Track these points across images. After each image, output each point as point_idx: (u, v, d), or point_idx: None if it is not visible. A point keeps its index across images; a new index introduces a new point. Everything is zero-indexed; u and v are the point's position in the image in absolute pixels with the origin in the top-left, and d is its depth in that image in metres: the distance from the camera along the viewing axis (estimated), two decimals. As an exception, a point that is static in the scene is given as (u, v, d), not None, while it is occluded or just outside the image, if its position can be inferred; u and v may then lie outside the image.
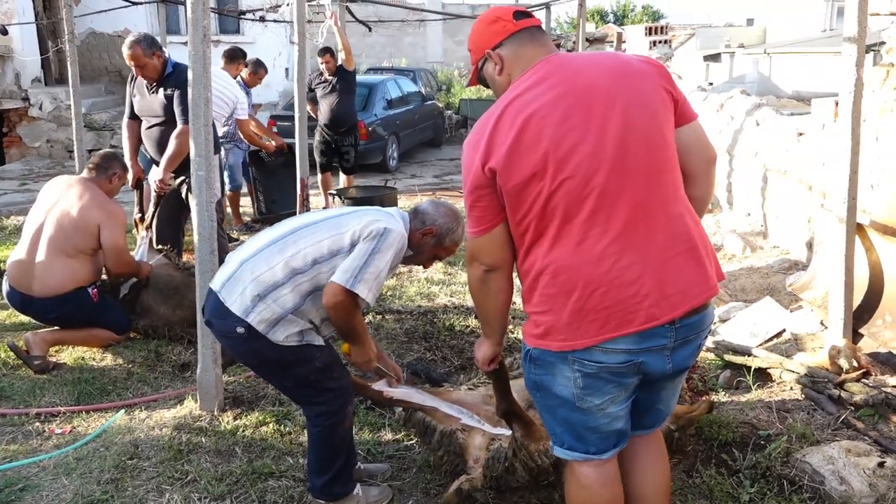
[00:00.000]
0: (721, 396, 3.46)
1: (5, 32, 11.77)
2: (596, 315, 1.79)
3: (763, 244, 5.39)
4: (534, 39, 1.91)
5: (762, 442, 2.95)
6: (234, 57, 6.79)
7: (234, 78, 6.68)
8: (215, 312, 2.57)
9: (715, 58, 17.63)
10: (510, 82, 1.90)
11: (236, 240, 6.62)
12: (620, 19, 36.01)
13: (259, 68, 7.17)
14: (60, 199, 4.04)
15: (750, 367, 3.56)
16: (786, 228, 5.17)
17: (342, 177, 8.06)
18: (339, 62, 7.76)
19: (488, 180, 1.84)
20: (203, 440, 3.09)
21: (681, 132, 1.91)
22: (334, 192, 6.51)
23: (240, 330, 2.50)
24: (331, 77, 7.68)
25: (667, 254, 1.81)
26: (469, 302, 4.90)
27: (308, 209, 5.88)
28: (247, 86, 7.01)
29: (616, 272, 1.78)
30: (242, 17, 11.97)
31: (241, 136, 6.66)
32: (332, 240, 2.48)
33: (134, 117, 5.06)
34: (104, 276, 4.33)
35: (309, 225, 2.58)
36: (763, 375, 3.56)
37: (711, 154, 2.00)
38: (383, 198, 6.56)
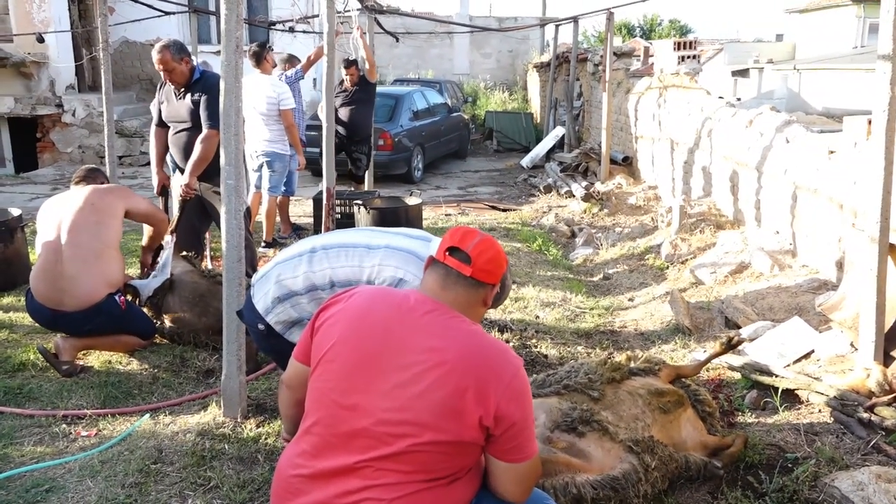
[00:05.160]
0: (747, 417, 3.41)
1: (41, 40, 12.07)
2: None
3: (792, 263, 5.32)
4: (440, 277, 1.92)
5: (789, 465, 2.90)
6: (260, 56, 6.88)
7: (270, 74, 6.92)
8: (246, 304, 2.77)
9: (743, 73, 17.50)
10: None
11: (282, 246, 6.74)
12: (647, 34, 35.90)
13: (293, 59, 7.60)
14: (65, 208, 4.02)
15: (777, 388, 3.50)
16: (815, 247, 5.09)
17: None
18: (363, 73, 7.89)
19: None
20: (226, 447, 3.11)
21: (494, 462, 1.84)
22: (360, 203, 6.54)
23: (260, 326, 2.71)
24: (351, 87, 7.83)
25: None
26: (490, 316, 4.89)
27: (333, 219, 5.91)
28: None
29: None
30: (273, 27, 12.12)
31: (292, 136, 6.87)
32: (351, 270, 2.59)
33: (161, 125, 5.14)
34: (131, 279, 4.40)
35: (341, 246, 2.67)
36: (791, 397, 3.50)
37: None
38: (408, 209, 6.57)
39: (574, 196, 9.48)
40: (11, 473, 2.93)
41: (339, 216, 6.51)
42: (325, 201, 5.81)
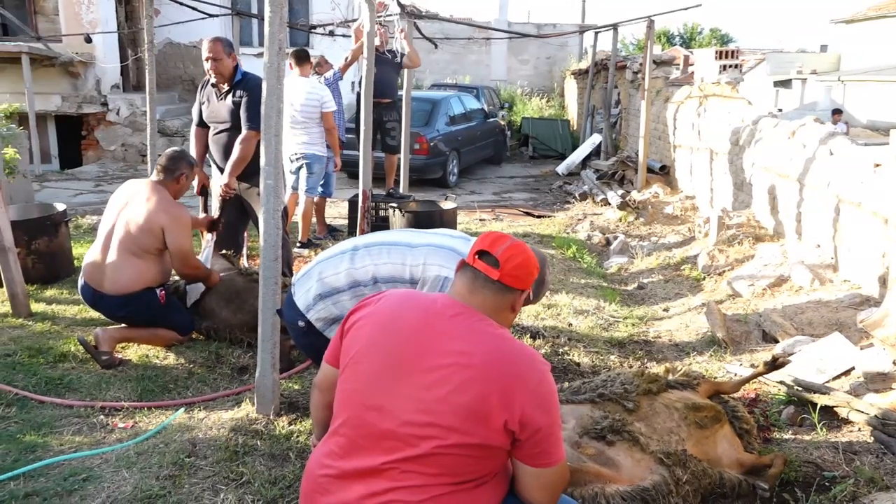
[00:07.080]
0: (784, 433, 3.34)
1: (89, 41, 12.39)
2: None
3: (833, 277, 5.20)
4: (468, 281, 1.92)
5: (827, 483, 2.84)
6: (302, 58, 7.00)
7: (310, 77, 6.99)
8: (286, 302, 2.81)
9: (785, 84, 17.22)
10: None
11: (318, 247, 6.80)
12: (687, 42, 35.53)
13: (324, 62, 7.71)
14: (130, 201, 4.18)
15: (816, 405, 3.43)
16: (858, 262, 4.97)
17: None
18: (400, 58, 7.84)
19: None
20: (258, 443, 3.14)
21: (521, 466, 1.83)
22: (395, 206, 6.57)
23: (301, 324, 2.74)
24: (379, 52, 7.42)
25: None
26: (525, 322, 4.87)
27: (368, 221, 5.95)
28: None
29: None
30: (313, 31, 12.26)
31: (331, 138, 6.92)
32: (394, 267, 2.62)
33: (202, 125, 5.22)
34: (176, 277, 4.47)
35: (383, 244, 2.71)
36: (829, 414, 3.42)
37: None
38: (442, 213, 6.59)
39: (609, 204, 9.40)
40: (50, 462, 3.00)
41: (373, 219, 6.54)
42: (360, 203, 5.85)
